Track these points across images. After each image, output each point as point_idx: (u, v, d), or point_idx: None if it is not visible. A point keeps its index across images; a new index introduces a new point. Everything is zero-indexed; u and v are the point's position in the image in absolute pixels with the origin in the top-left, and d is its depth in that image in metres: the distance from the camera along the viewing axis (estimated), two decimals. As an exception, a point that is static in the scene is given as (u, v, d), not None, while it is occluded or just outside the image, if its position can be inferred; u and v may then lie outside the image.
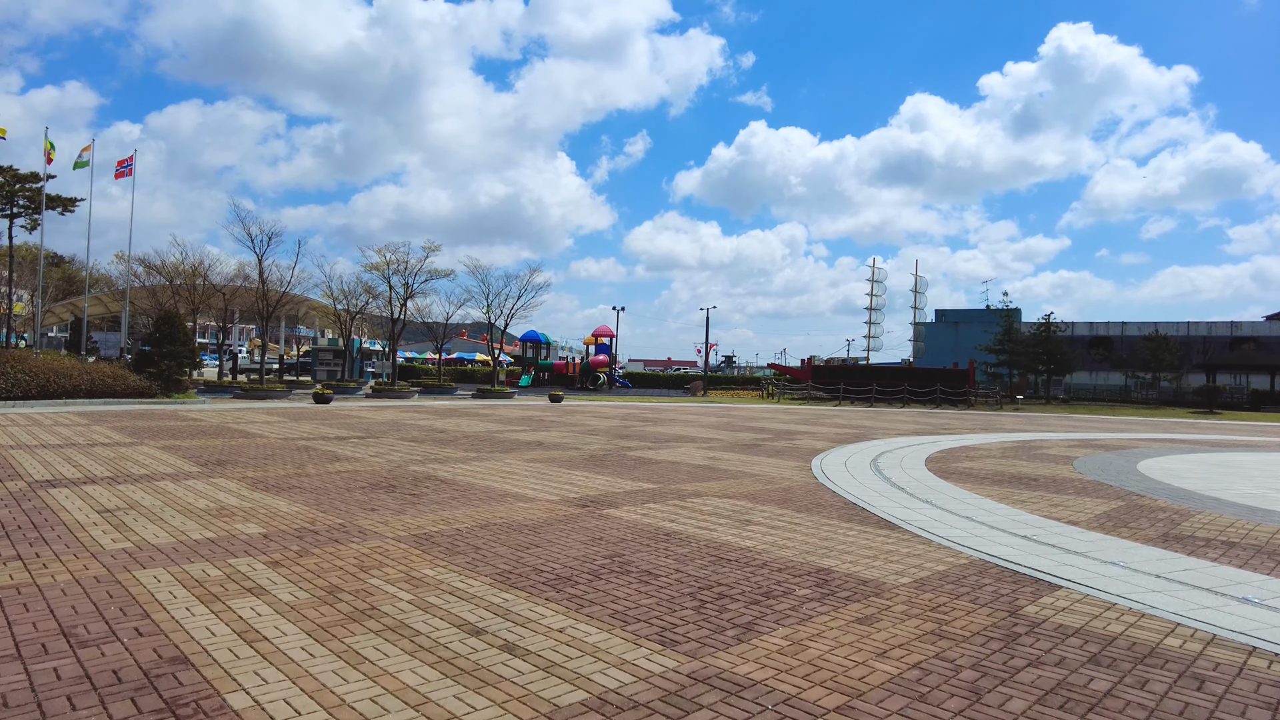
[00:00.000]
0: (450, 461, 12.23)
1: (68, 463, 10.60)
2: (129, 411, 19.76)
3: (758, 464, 13.32)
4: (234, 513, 7.55)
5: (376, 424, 18.84)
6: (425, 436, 16.18)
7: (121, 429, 15.37)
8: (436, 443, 15.01)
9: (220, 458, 11.66)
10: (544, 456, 13.35)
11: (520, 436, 16.91)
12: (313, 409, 23.63)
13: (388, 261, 33.97)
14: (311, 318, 52.43)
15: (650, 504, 8.90)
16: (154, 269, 35.41)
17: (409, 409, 25.12)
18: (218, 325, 38.31)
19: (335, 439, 15.06)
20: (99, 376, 22.16)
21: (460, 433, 17.27)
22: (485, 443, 15.32)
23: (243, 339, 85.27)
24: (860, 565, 6.36)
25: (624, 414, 26.24)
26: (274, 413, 21.48)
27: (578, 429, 19.40)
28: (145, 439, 13.80)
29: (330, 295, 38.06)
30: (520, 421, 21.27)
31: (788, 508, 9.01)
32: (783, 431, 20.82)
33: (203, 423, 17.45)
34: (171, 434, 14.77)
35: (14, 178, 36.69)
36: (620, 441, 16.54)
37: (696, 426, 21.61)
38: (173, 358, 24.01)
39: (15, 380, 20.47)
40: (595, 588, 5.41)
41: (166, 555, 5.85)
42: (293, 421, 18.75)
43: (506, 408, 27.90)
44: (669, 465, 12.68)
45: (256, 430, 16.22)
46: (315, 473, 10.48)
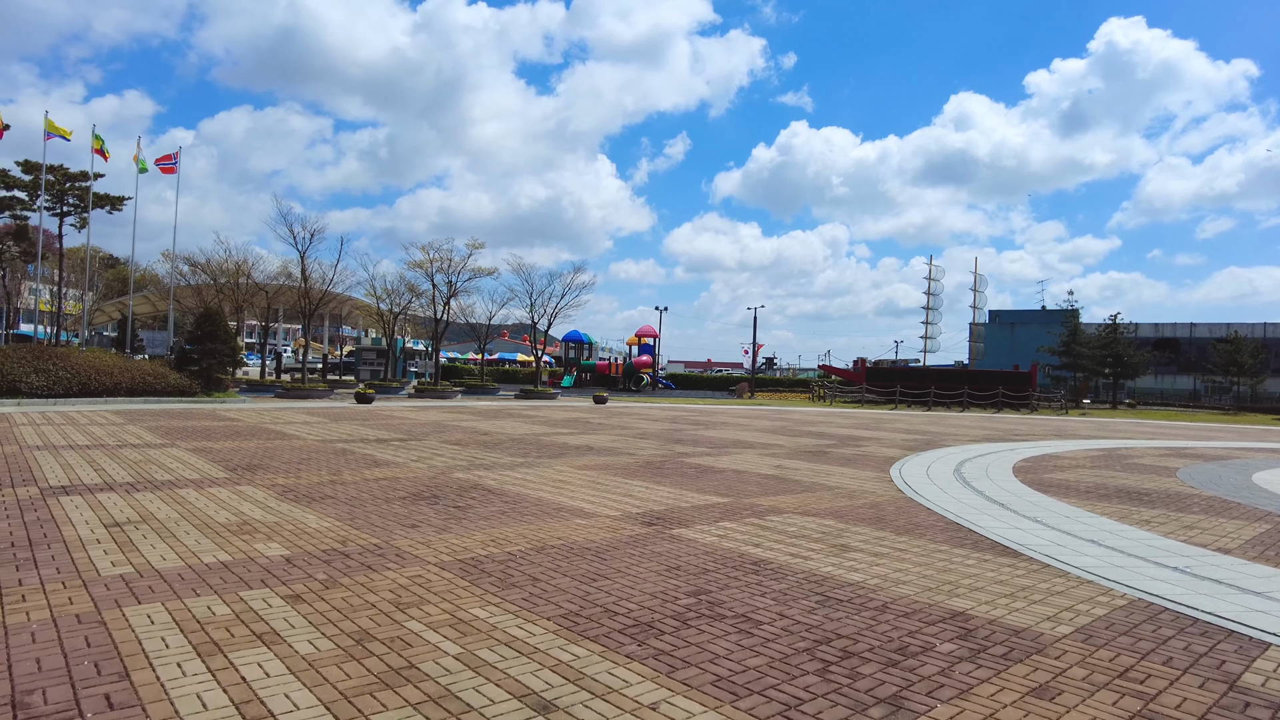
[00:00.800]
0: (497, 468, 11.26)
1: (90, 466, 9.85)
2: (166, 410, 19.24)
3: (831, 474, 12.12)
4: (256, 528, 6.63)
5: (419, 425, 18.03)
6: (469, 439, 15.28)
7: (155, 429, 14.73)
8: (481, 446, 14.08)
9: (251, 462, 10.84)
10: (596, 463, 12.32)
11: (568, 440, 15.92)
12: (354, 409, 22.97)
13: (431, 259, 33.36)
14: (355, 317, 52.30)
15: (725, 522, 7.79)
16: (199, 267, 35.28)
17: (452, 410, 24.35)
18: (261, 324, 38.12)
19: (375, 441, 14.22)
20: (140, 375, 21.75)
21: (505, 435, 16.35)
22: (532, 447, 14.35)
23: (288, 338, 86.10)
24: (1000, 608, 5.19)
25: (672, 416, 25.15)
26: (314, 413, 20.83)
27: (627, 432, 18.36)
28: (177, 440, 13.10)
29: (374, 294, 37.65)
30: (566, 424, 20.31)
31: (884, 529, 7.84)
32: (846, 437, 19.53)
33: (239, 423, 16.78)
34: (205, 435, 14.06)
35: (64, 176, 36.94)
36: (674, 446, 15.45)
37: (751, 430, 20.43)
38: (213, 356, 23.54)
39: (57, 378, 20.12)
40: (685, 639, 4.32)
41: (169, 585, 4.91)
42: (332, 422, 18.02)
43: (550, 409, 27.00)
44: (734, 475, 11.55)
45: (293, 431, 15.47)
46: (351, 480, 9.58)
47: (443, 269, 33.73)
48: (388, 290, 36.28)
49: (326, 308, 43.27)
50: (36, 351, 20.52)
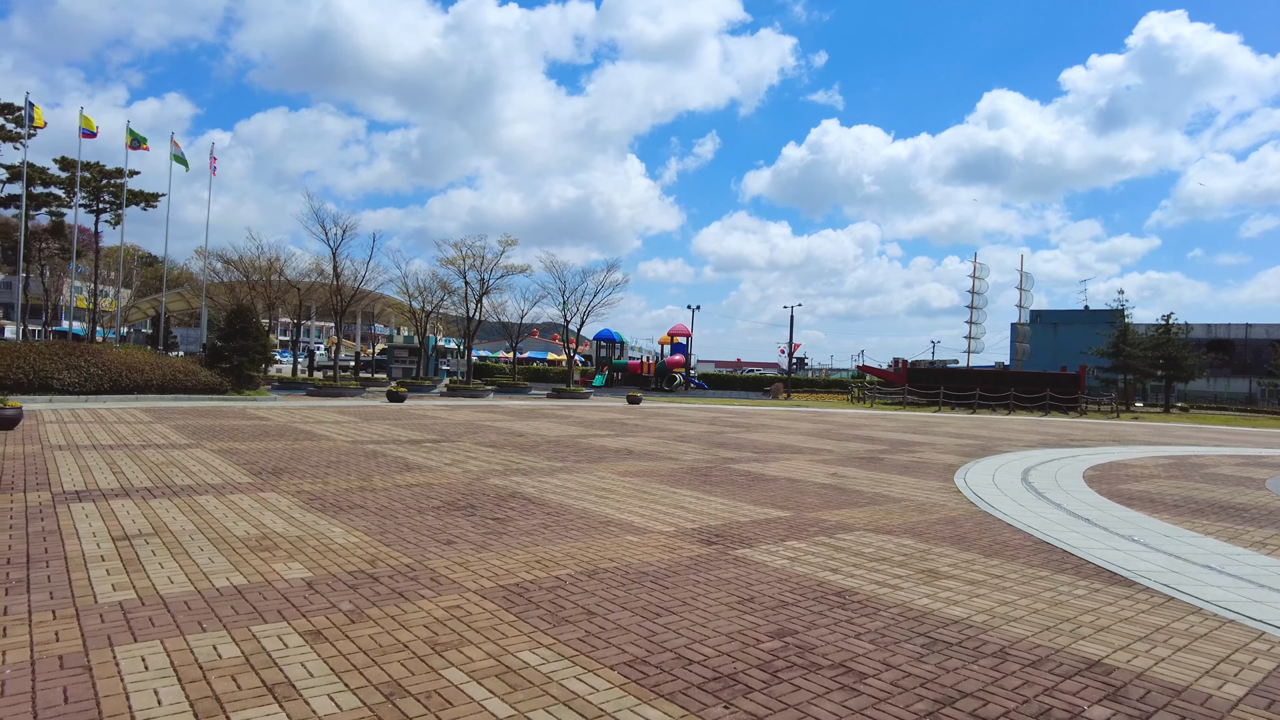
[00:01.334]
0: (535, 473, 10.58)
1: (109, 468, 9.33)
2: (196, 408, 18.87)
3: (893, 484, 11.27)
4: (277, 544, 5.99)
5: (451, 426, 17.45)
6: (504, 441, 14.64)
7: (182, 428, 14.28)
8: (517, 449, 13.42)
9: (277, 465, 10.27)
10: (639, 469, 11.59)
11: (606, 443, 15.21)
12: (385, 408, 22.49)
13: (464, 256, 32.89)
14: (388, 315, 52.18)
15: (792, 541, 7.01)
16: (231, 264, 35.17)
17: (484, 409, 23.79)
18: (293, 321, 37.96)
19: (407, 443, 13.63)
20: (170, 372, 21.46)
21: (541, 437, 15.69)
22: (569, 449, 13.67)
23: (321, 336, 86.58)
24: (1141, 656, 4.36)
25: (710, 418, 24.36)
26: (345, 411, 20.37)
27: (666, 435, 17.62)
28: (203, 440, 12.60)
29: (406, 292, 37.31)
30: (602, 425, 19.62)
31: (970, 549, 7.01)
32: (896, 442, 18.60)
33: (268, 422, 16.31)
34: (232, 434, 13.57)
35: (100, 173, 37.08)
36: (719, 451, 14.67)
37: (795, 434, 19.57)
38: (244, 353, 23.21)
39: (89, 375, 19.87)
40: (780, 699, 3.57)
41: (172, 616, 4.26)
42: (363, 422, 17.51)
43: (584, 409, 26.34)
44: (789, 484, 10.75)
45: (323, 431, 14.95)
46: (382, 486, 8.95)
47: (475, 266, 33.26)
48: (420, 288, 35.92)
49: (359, 305, 43.09)
50: (69, 348, 20.31)
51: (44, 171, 34.77)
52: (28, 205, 30.84)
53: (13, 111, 31.87)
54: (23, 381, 18.86)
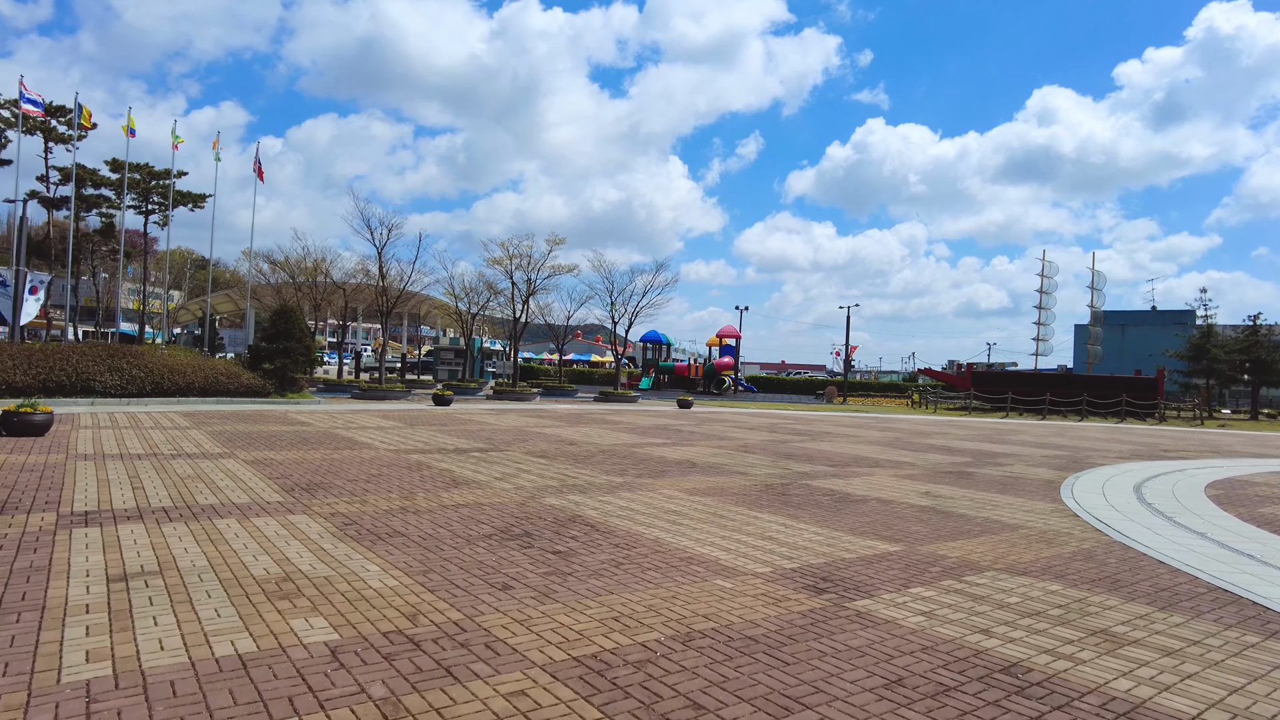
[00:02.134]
0: (594, 490, 9.48)
1: (129, 483, 8.48)
2: (236, 413, 18.22)
3: (997, 505, 9.93)
4: (301, 588, 4.97)
5: (500, 432, 16.49)
6: (556, 450, 13.59)
7: (218, 434, 13.52)
8: (571, 459, 12.37)
9: (313, 479, 9.34)
10: (706, 485, 10.43)
11: (665, 453, 14.08)
12: (431, 412, 21.68)
13: (510, 256, 32.06)
14: (433, 316, 51.83)
15: (917, 587, 5.79)
16: (278, 265, 34.91)
17: (532, 413, 22.84)
18: (339, 323, 37.62)
19: (454, 452, 12.67)
20: (213, 374, 20.90)
21: (594, 446, 14.62)
22: (627, 460, 12.57)
23: (368, 338, 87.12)
24: None
25: (768, 424, 23.07)
26: (390, 416, 19.57)
27: (726, 443, 16.42)
28: (238, 449, 11.78)
29: (452, 294, 36.69)
30: (656, 431, 18.49)
31: (1134, 599, 5.70)
32: (977, 453, 17.13)
33: (309, 428, 15.52)
34: (269, 442, 12.75)
35: (149, 174, 37.17)
36: (790, 464, 13.44)
37: (865, 443, 18.21)
38: (288, 355, 22.60)
39: (130, 377, 19.38)
40: None
41: (149, 710, 3.23)
42: (408, 428, 16.65)
43: (634, 414, 25.25)
44: (881, 506, 9.49)
45: (366, 439, 14.08)
46: (426, 507, 7.94)
47: (522, 266, 32.42)
48: (466, 288, 35.24)
49: (405, 306, 42.71)
50: (111, 350, 19.86)
51: (95, 173, 34.93)
52: (78, 206, 31.00)
53: (65, 114, 32.04)
54: (65, 384, 18.42)
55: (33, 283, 20.62)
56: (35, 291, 20.93)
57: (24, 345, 18.90)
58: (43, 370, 18.15)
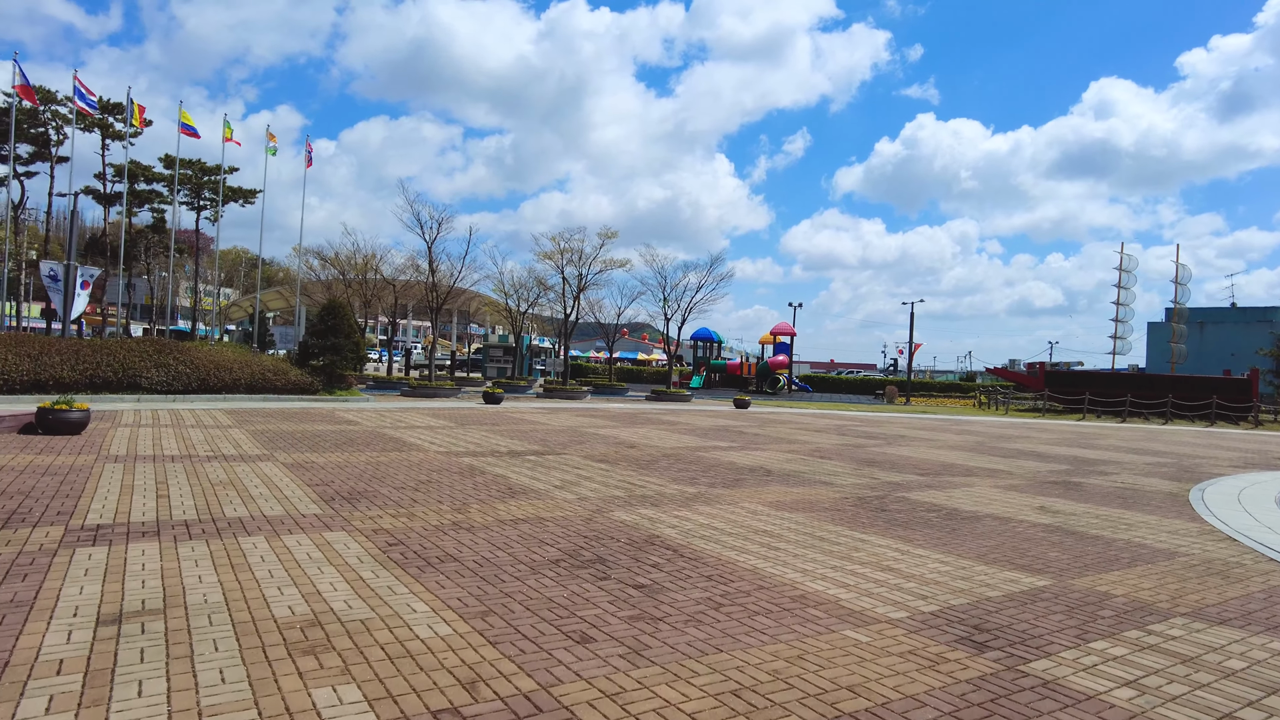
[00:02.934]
0: (668, 503, 8.40)
1: (155, 490, 7.66)
2: (282, 411, 17.57)
3: (1130, 524, 8.57)
4: (331, 637, 3.98)
5: (554, 432, 15.52)
6: (616, 454, 12.55)
7: (259, 434, 12.78)
8: (633, 464, 11.30)
9: (356, 487, 8.43)
10: (792, 497, 9.26)
11: (734, 458, 12.94)
12: (482, 410, 20.85)
13: (561, 251, 31.16)
14: (483, 314, 51.37)
15: (1098, 641, 4.57)
16: (328, 261, 34.59)
17: (584, 413, 21.87)
18: (389, 319, 37.22)
19: (508, 455, 11.71)
20: (259, 371, 20.36)
21: (655, 449, 13.54)
22: (694, 466, 11.46)
23: (418, 335, 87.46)
24: None
25: (834, 425, 21.73)
26: (440, 415, 18.77)
27: (797, 447, 15.19)
28: (278, 450, 10.98)
29: (502, 290, 36.01)
30: (718, 434, 17.34)
31: (1399, 666, 4.40)
32: (1072, 459, 15.60)
33: (356, 427, 14.74)
34: (312, 443, 11.95)
35: (201, 170, 37.25)
36: (874, 472, 12.18)
37: (946, 448, 16.80)
38: (336, 351, 21.99)
39: (177, 373, 18.91)
40: None
41: None
42: (459, 427, 15.78)
43: (690, 414, 24.12)
44: (999, 525, 8.22)
45: (415, 440, 13.22)
46: (481, 522, 6.94)
47: (573, 262, 31.51)
48: (516, 284, 34.48)
49: (454, 303, 42.24)
50: (158, 346, 19.43)
51: (148, 169, 35.05)
52: (131, 202, 31.10)
53: (120, 112, 32.14)
54: (111, 380, 18.00)
55: (83, 277, 20.31)
56: (86, 286, 20.62)
57: (71, 341, 18.56)
58: (90, 366, 17.75)
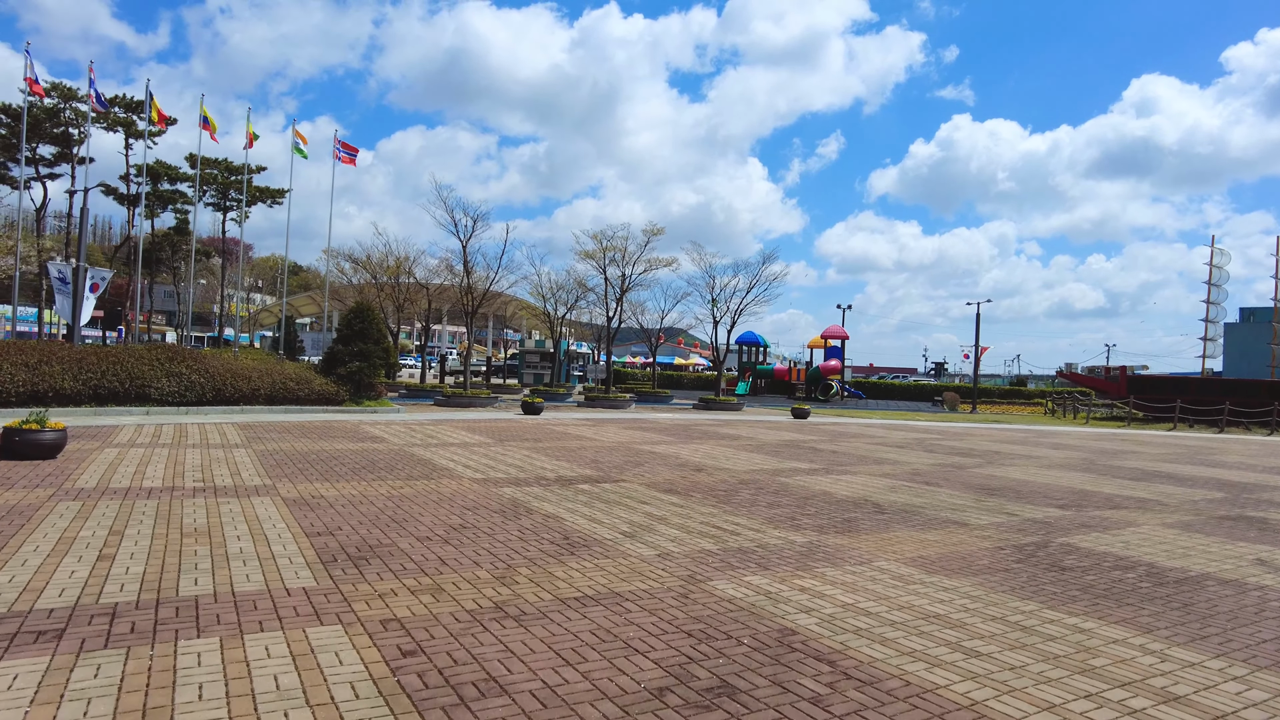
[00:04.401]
0: (776, 562, 6.30)
1: (103, 545, 5.76)
2: (302, 425, 15.78)
3: None
4: None
5: (604, 451, 13.50)
6: (684, 480, 10.48)
7: (267, 456, 10.93)
8: (709, 496, 9.22)
9: (368, 537, 6.47)
10: (932, 549, 7.11)
11: (826, 486, 10.79)
12: (520, 423, 18.93)
13: (604, 249, 29.19)
14: (519, 319, 49.67)
15: None
16: (359, 264, 33.05)
17: (632, 424, 19.84)
18: (421, 325, 35.58)
19: (557, 483, 9.70)
20: (280, 379, 18.66)
21: (727, 473, 11.45)
22: (786, 500, 9.34)
23: (453, 341, 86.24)
24: None
25: (913, 439, 19.42)
26: (475, 428, 16.86)
27: (891, 470, 12.99)
28: (283, 478, 9.10)
29: (539, 294, 34.22)
30: (789, 451, 15.18)
31: None
32: (1218, 483, 13.16)
33: (381, 445, 12.86)
34: (326, 468, 10.05)
35: (227, 169, 35.90)
36: (1004, 505, 9.95)
37: (1056, 468, 14.44)
38: (364, 358, 20.22)
39: (190, 383, 17.26)
40: None
41: None
42: (497, 444, 13.84)
43: (747, 425, 21.97)
44: (1234, 594, 5.97)
45: (447, 461, 11.29)
46: (536, 604, 4.92)
47: (615, 261, 29.53)
48: (555, 285, 32.63)
49: (490, 307, 40.57)
50: (170, 353, 17.81)
51: (171, 168, 33.78)
52: (154, 203, 29.89)
53: (143, 110, 30.94)
54: (118, 390, 16.39)
55: (93, 279, 18.80)
56: (96, 289, 19.10)
57: (75, 348, 17.01)
58: (94, 376, 16.15)
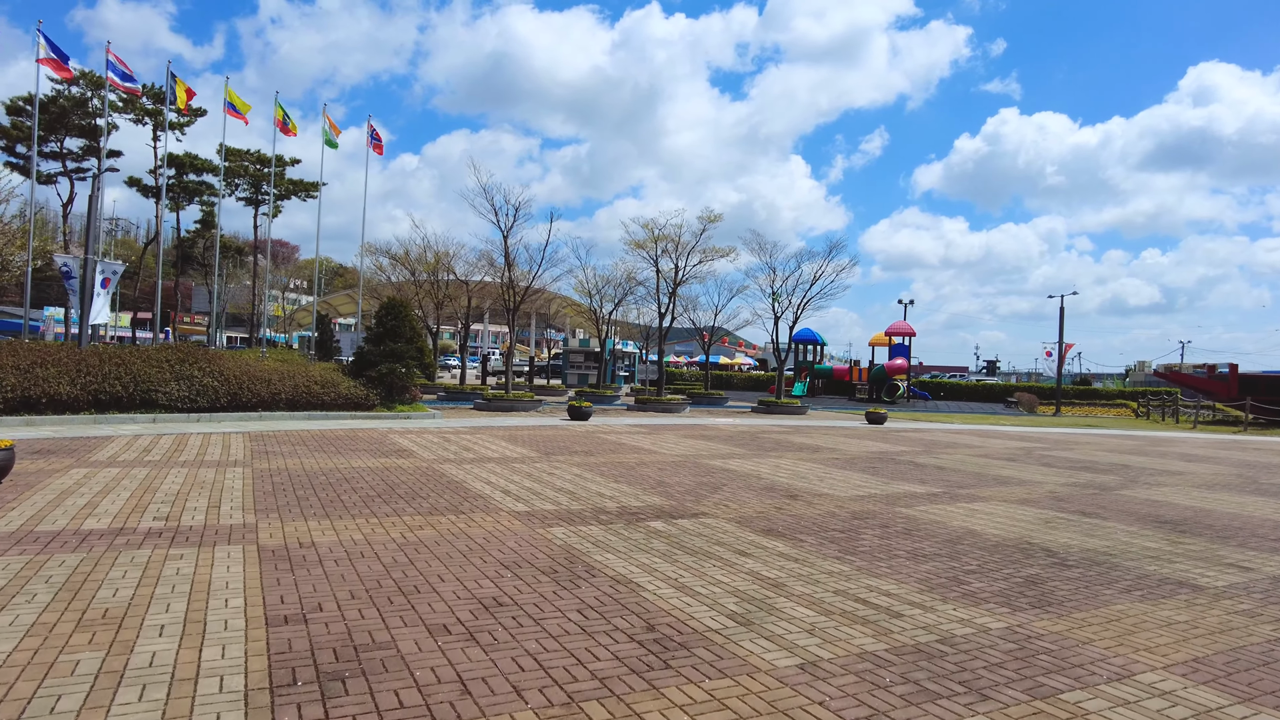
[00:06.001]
0: (985, 675, 4.00)
1: (-61, 653, 3.71)
2: (320, 434, 13.85)
3: None
4: None
5: (669, 467, 11.28)
6: (782, 515, 8.20)
7: (266, 476, 8.92)
8: (825, 539, 6.93)
9: (358, 628, 4.33)
10: (1195, 637, 4.74)
11: (964, 521, 8.41)
12: (568, 431, 16.81)
13: (656, 239, 26.94)
14: (563, 316, 47.70)
15: None
16: (398, 260, 31.35)
17: (692, 432, 17.58)
18: (462, 323, 33.77)
19: (620, 519, 7.50)
20: (303, 383, 16.80)
21: (834, 503, 9.13)
22: (932, 547, 7.00)
23: (495, 341, 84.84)
24: None
25: (1018, 449, 16.82)
26: (518, 438, 14.78)
27: (1030, 494, 10.54)
28: (269, 513, 7.05)
29: (584, 290, 32.13)
30: (889, 468, 12.78)
31: None
32: None
33: (405, 463, 10.81)
34: (331, 497, 7.99)
35: (258, 160, 34.45)
36: (1215, 550, 7.46)
37: (1221, 490, 11.80)
38: (395, 358, 18.30)
39: (202, 387, 15.48)
40: None
41: None
42: (543, 460, 11.71)
43: (821, 433, 19.56)
44: None
45: (482, 486, 9.17)
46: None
47: (669, 252, 27.27)
48: (602, 279, 30.51)
49: (533, 305, 38.70)
50: (181, 354, 16.06)
51: (196, 158, 32.41)
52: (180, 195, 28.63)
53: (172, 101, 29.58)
54: (120, 395, 14.65)
55: (104, 273, 17.15)
56: (108, 284, 17.48)
57: (74, 350, 15.34)
58: (94, 380, 14.43)
